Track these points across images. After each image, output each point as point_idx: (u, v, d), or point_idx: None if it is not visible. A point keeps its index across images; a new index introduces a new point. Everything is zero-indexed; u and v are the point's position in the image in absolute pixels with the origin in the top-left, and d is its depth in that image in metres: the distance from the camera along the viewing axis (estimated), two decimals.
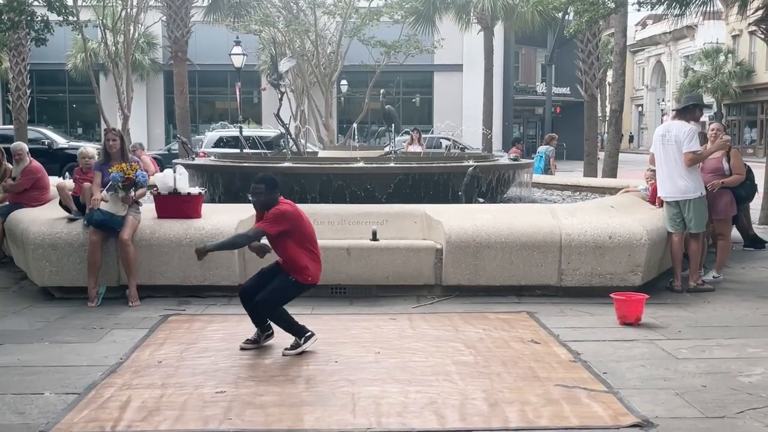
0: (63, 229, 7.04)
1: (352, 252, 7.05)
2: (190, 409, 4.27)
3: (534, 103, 43.49)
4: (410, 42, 26.87)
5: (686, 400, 4.37)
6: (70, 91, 38.57)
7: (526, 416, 4.16)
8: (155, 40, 35.32)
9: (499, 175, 9.93)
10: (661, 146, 7.36)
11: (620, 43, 16.56)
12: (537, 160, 14.67)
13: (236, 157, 12.58)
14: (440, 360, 5.19)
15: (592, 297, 6.89)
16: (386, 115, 13.07)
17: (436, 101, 39.05)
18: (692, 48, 47.96)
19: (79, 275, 6.89)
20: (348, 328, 6.05)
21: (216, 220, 7.16)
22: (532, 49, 42.78)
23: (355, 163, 9.71)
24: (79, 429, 3.98)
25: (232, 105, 35.85)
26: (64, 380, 4.74)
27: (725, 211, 7.78)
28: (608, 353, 5.32)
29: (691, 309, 6.66)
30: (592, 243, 6.99)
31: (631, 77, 54.37)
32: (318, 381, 4.76)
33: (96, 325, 6.09)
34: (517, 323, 6.18)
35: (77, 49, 33.17)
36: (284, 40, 26.90)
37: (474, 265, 7.03)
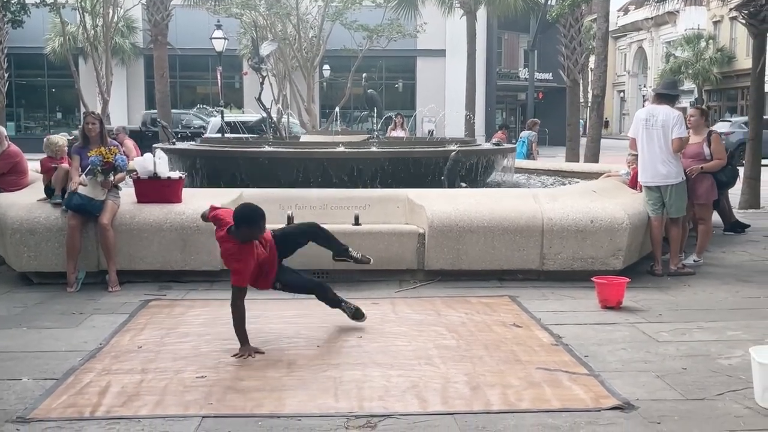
0: (41, 213, 6.96)
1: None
2: (171, 394, 4.24)
3: (516, 88, 43.50)
4: (393, 26, 26.78)
5: (667, 383, 4.39)
6: (49, 75, 38.10)
7: (508, 399, 4.17)
8: (135, 24, 34.94)
9: (481, 159, 9.91)
10: (644, 130, 7.34)
11: (603, 28, 16.58)
12: (519, 145, 14.71)
13: (217, 142, 12.49)
14: (422, 344, 5.19)
15: (574, 281, 6.91)
16: (369, 100, 13.05)
17: (419, 86, 38.97)
18: (674, 34, 48.11)
19: (58, 260, 6.82)
20: (330, 313, 6.01)
21: (196, 204, 7.09)
22: (515, 34, 42.77)
23: (338, 147, 9.66)
24: (58, 414, 3.93)
25: (213, 90, 35.57)
26: (42, 366, 4.69)
27: (706, 195, 7.82)
28: (589, 336, 5.34)
29: (672, 292, 6.70)
30: (573, 227, 7.01)
31: (613, 63, 54.50)
32: (300, 365, 4.74)
33: (75, 310, 6.03)
34: (499, 307, 6.18)
35: (55, 33, 32.78)
36: (266, 24, 26.70)
37: (456, 250, 7.03)
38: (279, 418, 3.92)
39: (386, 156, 9.34)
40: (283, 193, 7.90)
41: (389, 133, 14.71)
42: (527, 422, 3.84)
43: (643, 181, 7.46)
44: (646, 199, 7.45)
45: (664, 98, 7.51)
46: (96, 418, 3.90)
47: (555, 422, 3.84)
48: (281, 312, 6.03)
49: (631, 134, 7.58)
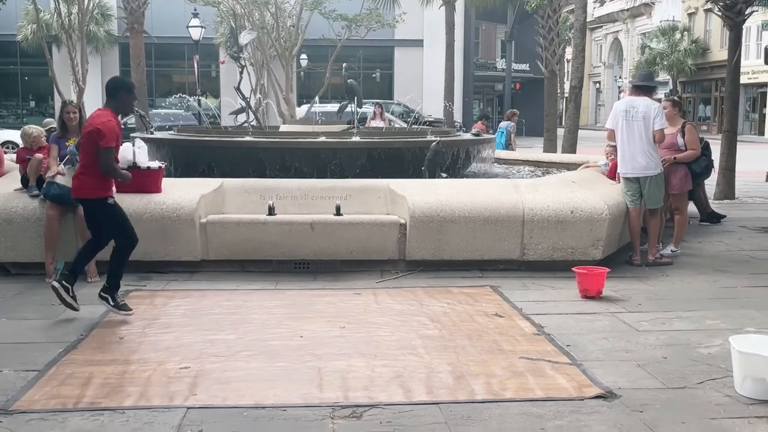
0: (19, 203, 6.87)
1: (315, 227, 7.01)
2: (154, 385, 4.22)
3: (494, 79, 43.64)
4: (372, 15, 26.69)
5: (648, 372, 4.45)
6: (22, 63, 37.52)
7: (492, 388, 4.20)
8: (110, 11, 34.50)
9: (461, 150, 9.93)
10: (624, 122, 7.38)
11: (580, 19, 16.64)
12: (498, 135, 14.74)
13: (196, 131, 12.40)
14: (405, 334, 5.20)
15: (554, 271, 6.96)
16: (349, 90, 13.00)
17: (397, 76, 38.91)
18: (649, 25, 48.49)
19: (36, 250, 6.74)
20: (312, 303, 6.03)
21: (177, 194, 7.05)
22: (492, 25, 42.83)
23: (318, 137, 9.64)
24: (41, 406, 3.90)
25: (190, 78, 35.22)
26: (23, 357, 4.64)
27: (680, 186, 7.88)
28: (571, 326, 5.38)
29: (651, 282, 6.78)
30: (554, 217, 7.05)
31: (589, 54, 54.72)
32: (283, 356, 4.73)
33: (54, 301, 5.91)
34: (480, 297, 6.22)
35: (28, 20, 32.26)
36: (243, 12, 26.49)
37: (438, 240, 7.05)
38: (264, 409, 3.92)
39: (367, 146, 9.33)
40: (263, 183, 7.88)
41: (369, 123, 14.69)
42: (512, 411, 3.87)
43: (623, 172, 7.51)
44: (625, 190, 7.51)
45: (642, 90, 7.56)
46: (80, 409, 3.88)
47: (539, 411, 3.88)
48: (263, 302, 6.02)
49: (610, 125, 7.60)
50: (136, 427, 3.68)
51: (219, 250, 7.00)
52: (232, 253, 7.04)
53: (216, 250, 7.00)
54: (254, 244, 6.98)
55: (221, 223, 7.00)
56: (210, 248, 6.99)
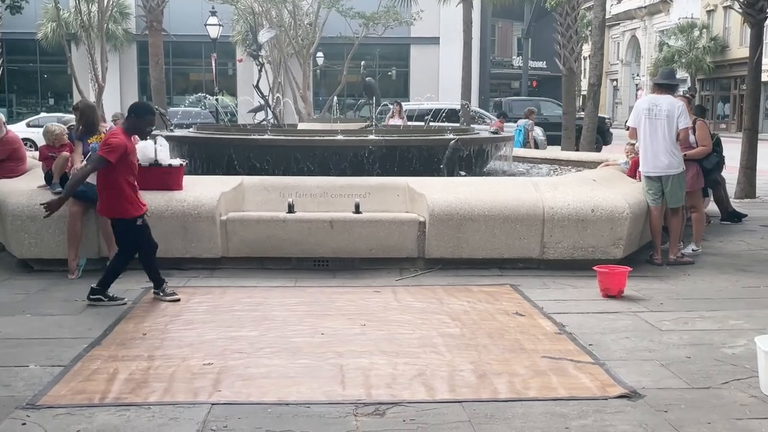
0: (42, 200, 6.88)
1: (334, 224, 7.03)
2: (179, 381, 4.24)
3: (510, 76, 43.51)
4: (389, 13, 26.68)
5: (672, 371, 4.42)
6: (41, 61, 37.80)
7: (515, 387, 4.19)
8: (128, 10, 34.68)
9: (480, 148, 9.92)
10: (647, 120, 7.32)
11: (599, 16, 16.54)
12: (516, 133, 14.69)
13: (216, 129, 12.44)
14: (426, 332, 5.20)
15: (574, 270, 6.94)
16: (367, 88, 13.00)
17: (413, 74, 38.86)
18: (667, 23, 48.14)
19: (59, 247, 6.80)
20: (333, 301, 6.04)
21: (197, 192, 7.09)
22: (509, 22, 42.70)
23: (336, 135, 9.65)
24: (67, 401, 3.94)
25: (207, 76, 35.39)
26: (48, 352, 4.68)
27: (692, 183, 7.79)
28: (592, 325, 5.37)
29: (672, 282, 6.74)
30: (574, 216, 7.02)
31: (606, 52, 54.27)
32: (305, 353, 4.75)
33: (77, 297, 6.02)
34: (500, 296, 6.21)
35: (48, 18, 32.51)
36: (261, 11, 26.57)
37: (457, 238, 7.04)
38: (287, 406, 3.93)
39: (385, 144, 9.33)
40: (283, 180, 7.90)
41: (387, 121, 14.68)
42: (535, 410, 3.87)
43: (644, 170, 7.46)
44: (646, 189, 7.46)
45: (665, 88, 7.51)
46: (105, 404, 3.91)
47: (563, 410, 3.87)
48: (283, 300, 6.05)
49: (632, 124, 7.55)
50: (162, 422, 3.71)
51: (239, 247, 7.03)
52: (252, 251, 7.06)
53: (236, 247, 7.03)
54: (274, 241, 7.01)
55: (241, 221, 7.03)
56: (230, 245, 7.03)
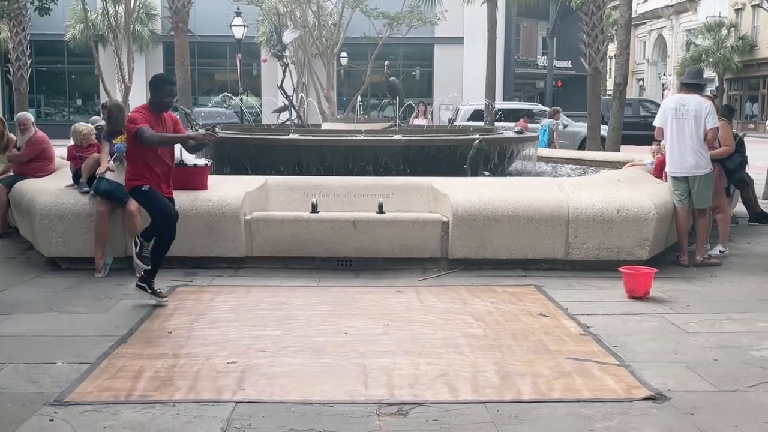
0: (70, 199, 7.02)
1: (358, 224, 7.03)
2: (203, 379, 4.28)
3: (535, 76, 43.25)
4: (413, 13, 26.66)
5: (698, 374, 4.38)
6: (69, 62, 38.26)
7: (539, 389, 4.17)
8: (154, 11, 35.01)
9: (504, 148, 9.88)
10: (674, 120, 7.24)
11: (625, 15, 16.38)
12: (541, 133, 14.62)
13: (240, 129, 12.52)
14: (449, 332, 5.20)
15: (599, 271, 6.88)
16: (390, 87, 13.02)
17: (437, 74, 38.79)
18: (694, 22, 47.59)
19: (86, 246, 6.88)
20: (356, 301, 6.05)
21: (222, 191, 7.14)
22: (534, 21, 42.44)
23: (360, 135, 9.67)
24: (94, 398, 3.98)
25: (232, 77, 35.63)
26: (75, 350, 4.74)
27: (715, 183, 7.67)
28: (618, 327, 5.32)
29: (699, 283, 6.67)
30: (600, 217, 6.97)
31: (633, 51, 53.81)
32: (328, 352, 4.76)
33: (104, 295, 6.09)
34: (524, 296, 6.18)
35: (76, 20, 32.89)
36: (285, 11, 26.68)
37: (480, 239, 7.02)
38: (311, 405, 3.94)
39: (409, 144, 9.33)
40: (307, 180, 7.93)
41: (412, 121, 14.68)
42: (559, 412, 3.85)
43: (671, 171, 7.38)
44: (673, 190, 7.38)
45: (692, 87, 7.43)
46: (131, 401, 3.95)
47: (587, 412, 3.84)
48: (307, 299, 6.06)
49: (658, 123, 7.48)
50: (187, 420, 3.74)
51: (263, 246, 7.07)
52: (276, 250, 7.09)
53: (260, 246, 7.06)
54: (297, 241, 7.03)
55: (265, 220, 7.07)
56: (254, 245, 7.06)
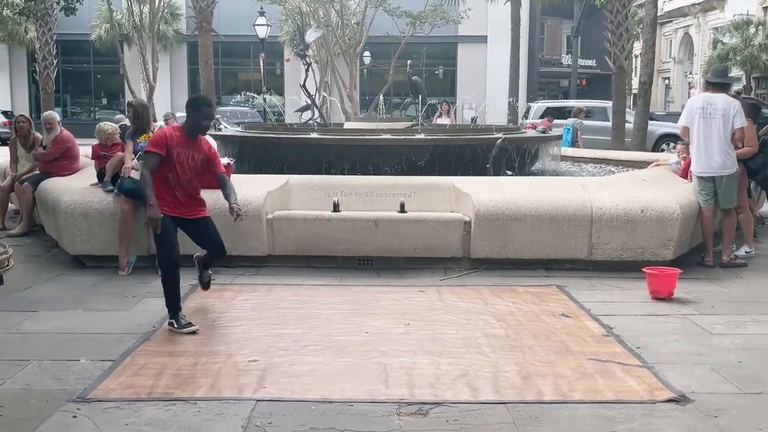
0: (94, 198, 7.09)
1: (379, 224, 7.03)
2: (224, 377, 4.30)
3: (559, 75, 43.01)
4: (436, 12, 26.62)
5: (723, 376, 4.33)
6: (95, 61, 38.68)
7: (560, 389, 4.14)
8: (179, 11, 35.29)
9: (527, 147, 9.83)
10: (701, 119, 7.14)
11: (650, 13, 16.30)
12: (564, 132, 14.50)
13: (263, 129, 12.57)
14: (471, 332, 5.18)
15: (623, 271, 6.83)
16: (413, 86, 12.98)
17: (460, 73, 38.73)
18: (721, 20, 47.00)
19: (110, 244, 6.94)
20: (377, 300, 6.05)
21: (245, 190, 7.12)
22: (558, 20, 42.21)
23: (382, 134, 9.66)
24: (116, 395, 4.02)
25: (255, 76, 35.78)
26: (98, 347, 4.78)
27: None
28: (641, 328, 5.27)
29: (724, 284, 6.59)
30: (623, 217, 6.91)
31: (658, 50, 53.23)
32: (349, 351, 4.76)
33: (128, 293, 6.15)
34: (547, 297, 6.14)
35: (102, 20, 33.25)
36: (309, 11, 26.76)
37: (503, 238, 6.99)
38: (331, 403, 3.95)
39: (431, 143, 9.31)
40: (328, 179, 7.94)
41: (435, 120, 14.64)
42: (581, 413, 3.82)
43: (697, 170, 7.28)
44: (699, 189, 7.29)
45: (719, 86, 7.33)
46: (153, 399, 3.98)
47: (609, 413, 3.81)
48: (328, 298, 6.07)
49: (684, 123, 7.37)
50: (208, 417, 3.76)
51: (285, 245, 7.09)
52: (298, 249, 7.11)
53: (282, 245, 7.09)
54: (319, 240, 7.05)
55: (287, 219, 7.09)
56: (276, 244, 7.09)
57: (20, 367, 4.40)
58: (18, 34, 32.12)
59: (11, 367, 4.39)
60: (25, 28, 30.60)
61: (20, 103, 36.55)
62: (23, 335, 5.04)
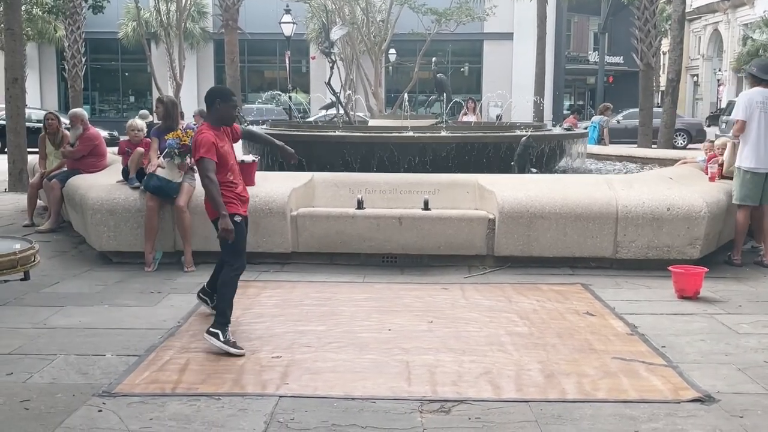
0: (121, 194, 7.16)
1: (403, 221, 7.03)
2: (248, 373, 4.33)
3: (586, 72, 42.70)
4: (462, 9, 26.55)
5: (749, 376, 4.27)
6: (123, 59, 39.08)
7: (583, 388, 4.12)
8: (205, 9, 35.53)
9: (552, 145, 9.77)
10: (762, 114, 6.99)
11: (679, 10, 16.11)
12: (591, 130, 14.40)
13: (288, 126, 12.62)
14: (494, 330, 5.16)
15: (648, 270, 6.77)
16: (438, 84, 12.97)
17: (485, 70, 38.60)
18: (751, 16, 46.28)
19: (136, 240, 7.01)
20: (400, 297, 6.05)
21: (269, 187, 7.20)
22: (585, 17, 41.92)
23: (407, 132, 9.65)
24: (141, 390, 4.06)
25: (281, 74, 35.95)
26: (124, 342, 4.84)
27: None
28: (666, 327, 5.22)
29: (751, 283, 6.51)
30: (649, 215, 6.85)
31: (687, 46, 52.70)
32: (372, 348, 4.77)
33: (153, 289, 6.21)
34: (571, 295, 6.11)
35: (129, 18, 33.58)
36: (334, 8, 26.81)
37: (527, 236, 6.96)
38: (353, 400, 3.96)
39: (456, 141, 9.28)
40: (352, 177, 7.95)
41: (461, 117, 14.60)
42: (604, 412, 3.79)
43: (754, 167, 7.03)
44: (750, 186, 7.06)
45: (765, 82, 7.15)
46: (177, 394, 4.02)
47: (633, 413, 3.78)
48: (351, 295, 6.09)
49: (743, 117, 7.06)
50: (231, 413, 3.78)
51: (309, 242, 7.12)
52: (321, 246, 7.14)
53: (306, 242, 7.11)
54: (343, 237, 7.06)
55: (311, 216, 7.11)
56: (300, 241, 7.12)
57: (47, 362, 4.46)
58: (47, 32, 32.53)
59: (39, 362, 4.46)
60: (55, 26, 30.98)
61: (50, 101, 37.04)
62: (50, 330, 5.11)
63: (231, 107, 5.04)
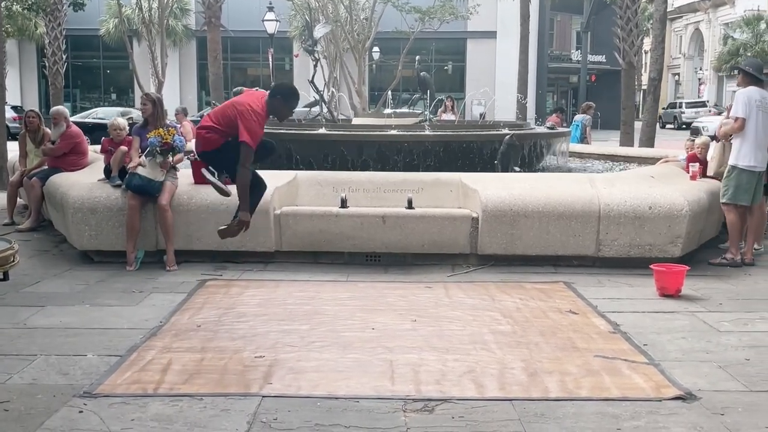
0: (102, 193, 7.11)
1: (387, 220, 7.03)
2: (231, 373, 4.30)
3: (568, 71, 42.91)
4: (445, 8, 26.59)
5: (729, 373, 4.31)
6: (104, 56, 38.81)
7: (566, 386, 4.13)
8: (188, 6, 35.35)
9: (535, 143, 9.80)
10: (760, 112, 7.01)
11: (660, 9, 16.20)
12: (573, 129, 14.46)
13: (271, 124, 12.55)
14: (477, 329, 5.17)
15: (630, 268, 6.81)
16: (421, 82, 12.97)
17: (469, 69, 38.72)
18: (732, 15, 46.74)
19: (118, 239, 6.96)
20: (384, 296, 6.05)
21: None
22: (568, 15, 42.13)
23: (390, 130, 9.65)
24: (123, 390, 4.03)
25: (264, 71, 35.83)
26: (105, 342, 4.80)
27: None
28: (648, 325, 5.26)
29: (732, 281, 6.56)
30: (631, 213, 6.89)
31: (668, 45, 53.12)
32: (355, 347, 4.76)
33: (135, 288, 6.16)
34: (554, 293, 6.13)
35: (111, 15, 33.35)
36: (317, 6, 26.76)
37: (510, 235, 6.98)
38: (337, 400, 3.95)
39: (439, 139, 9.29)
40: (336, 175, 7.93)
41: (439, 116, 14.61)
42: (587, 410, 3.81)
43: (751, 165, 7.03)
44: (746, 186, 7.07)
45: (761, 82, 7.19)
46: (159, 394, 3.99)
47: (615, 411, 3.80)
48: (335, 294, 6.07)
49: (743, 114, 7.01)
50: (214, 413, 3.76)
51: (292, 241, 7.09)
52: (305, 245, 7.12)
53: (289, 241, 7.09)
54: (327, 236, 7.05)
55: (295, 215, 7.09)
56: (284, 239, 7.09)
57: (27, 362, 4.42)
58: (27, 29, 32.25)
59: (18, 362, 4.42)
60: (35, 23, 30.72)
61: (30, 99, 36.72)
62: (31, 330, 5.06)
63: (287, 109, 5.49)
